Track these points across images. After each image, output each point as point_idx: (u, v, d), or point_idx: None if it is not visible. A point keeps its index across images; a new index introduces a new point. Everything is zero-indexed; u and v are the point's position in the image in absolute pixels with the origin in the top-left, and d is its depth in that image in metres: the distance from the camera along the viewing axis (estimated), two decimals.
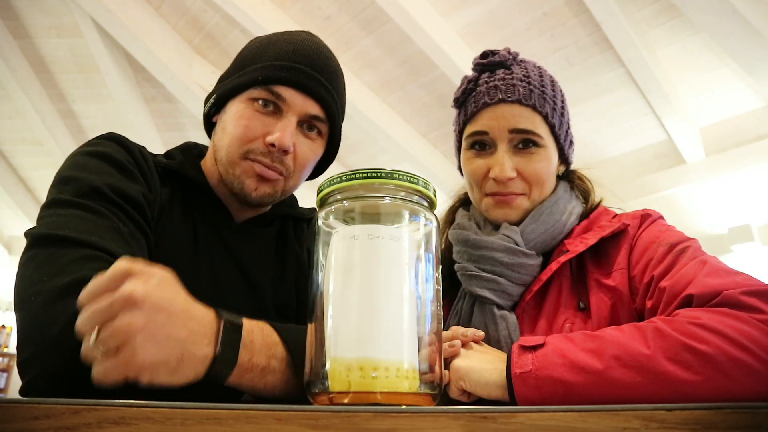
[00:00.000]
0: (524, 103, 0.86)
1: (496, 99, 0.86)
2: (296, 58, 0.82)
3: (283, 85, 0.81)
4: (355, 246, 0.52)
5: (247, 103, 0.82)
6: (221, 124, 0.86)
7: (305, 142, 0.85)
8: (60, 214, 0.65)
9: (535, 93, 0.86)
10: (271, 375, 0.59)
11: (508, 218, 0.89)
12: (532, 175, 0.87)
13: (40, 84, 4.58)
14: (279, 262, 0.92)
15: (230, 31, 3.92)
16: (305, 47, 0.84)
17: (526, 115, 0.86)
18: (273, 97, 0.81)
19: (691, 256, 0.71)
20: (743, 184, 3.65)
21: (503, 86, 0.87)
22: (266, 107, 0.82)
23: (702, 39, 3.06)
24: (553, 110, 0.88)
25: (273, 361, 0.59)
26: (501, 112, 0.86)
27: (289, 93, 0.81)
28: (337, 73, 0.88)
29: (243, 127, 0.81)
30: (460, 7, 3.33)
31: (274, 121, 0.81)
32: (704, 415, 0.35)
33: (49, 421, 0.38)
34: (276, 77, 0.81)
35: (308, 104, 0.82)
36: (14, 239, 6.48)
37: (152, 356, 0.47)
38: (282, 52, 0.83)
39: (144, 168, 0.79)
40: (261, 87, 0.81)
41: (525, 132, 0.86)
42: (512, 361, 0.60)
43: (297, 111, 0.82)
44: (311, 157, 0.87)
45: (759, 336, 0.54)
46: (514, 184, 0.87)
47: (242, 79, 0.83)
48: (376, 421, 0.36)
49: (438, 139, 4.32)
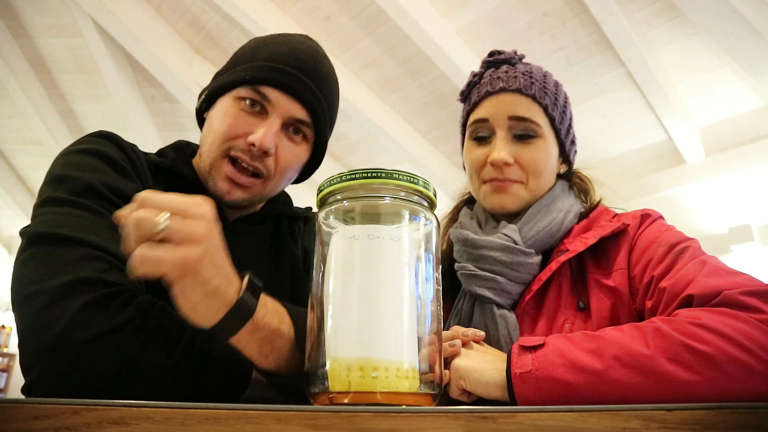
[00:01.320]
0: (524, 93, 0.88)
1: (498, 88, 0.90)
2: (287, 60, 0.82)
3: (269, 86, 0.81)
4: (355, 246, 0.52)
5: (235, 101, 0.83)
6: (208, 120, 0.87)
7: (288, 146, 0.84)
8: (56, 213, 0.65)
9: (537, 85, 0.89)
10: (280, 340, 0.60)
11: (504, 204, 0.89)
12: (530, 164, 0.88)
13: (40, 84, 4.59)
14: (273, 260, 0.92)
15: (230, 31, 3.92)
16: (298, 50, 0.84)
17: (526, 103, 0.88)
18: (259, 97, 0.81)
19: (691, 256, 0.71)
20: (743, 184, 3.66)
21: (505, 77, 0.90)
22: (253, 107, 0.82)
23: (702, 39, 3.06)
24: (554, 104, 0.90)
25: (283, 327, 0.60)
26: (502, 100, 0.89)
27: (276, 95, 0.81)
28: (328, 79, 0.87)
29: (227, 125, 0.82)
30: (460, 7, 3.34)
31: (259, 121, 0.82)
32: (704, 415, 0.35)
33: (49, 421, 0.38)
34: (263, 78, 0.81)
35: (294, 107, 0.82)
36: (14, 239, 6.49)
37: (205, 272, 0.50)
38: (274, 53, 0.83)
39: (137, 166, 0.79)
40: (248, 86, 0.82)
41: (524, 120, 0.88)
42: (512, 361, 0.60)
43: (282, 113, 0.82)
44: (293, 161, 0.86)
45: (759, 336, 0.54)
46: (511, 171, 0.88)
47: (232, 77, 0.84)
48: (376, 421, 0.36)
49: (438, 139, 4.32)
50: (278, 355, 0.60)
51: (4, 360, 6.31)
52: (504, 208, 0.90)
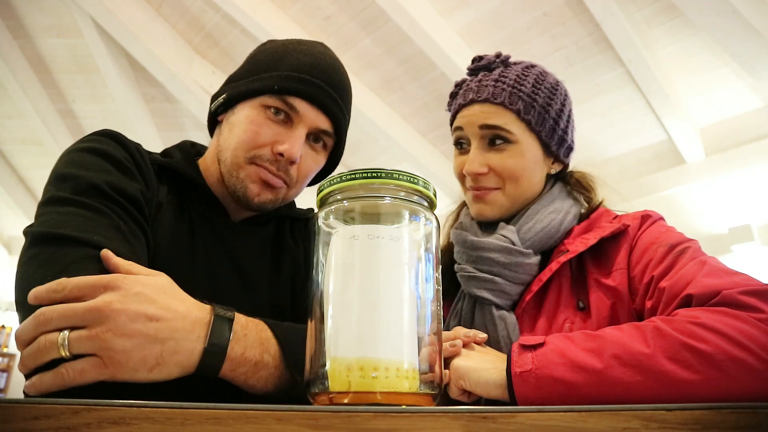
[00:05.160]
0: (492, 102, 0.89)
1: (468, 99, 0.91)
2: (313, 71, 0.83)
3: (298, 97, 0.82)
4: (355, 246, 0.52)
5: (260, 109, 0.83)
6: (229, 125, 0.86)
7: (310, 154, 0.86)
8: (59, 212, 0.65)
9: (506, 91, 0.89)
10: (265, 370, 0.60)
11: (484, 213, 0.91)
12: (504, 170, 0.89)
13: (40, 84, 4.58)
14: (275, 260, 0.92)
15: (230, 31, 3.92)
16: (322, 61, 0.85)
17: (496, 111, 0.89)
18: (286, 107, 0.82)
19: (691, 257, 0.72)
20: (743, 184, 3.65)
21: (476, 87, 0.92)
22: (278, 116, 0.83)
23: (702, 39, 3.06)
24: (530, 107, 0.89)
25: (266, 356, 0.60)
26: (473, 110, 0.91)
27: (303, 105, 0.82)
28: (348, 89, 0.90)
29: (253, 132, 0.82)
30: (460, 7, 3.34)
31: (284, 131, 0.82)
32: (704, 415, 0.35)
33: (49, 421, 0.38)
34: (292, 88, 0.81)
35: (320, 118, 0.84)
36: (14, 239, 6.49)
37: (129, 357, 0.50)
38: (299, 63, 0.83)
39: (141, 165, 0.79)
40: (276, 96, 0.82)
41: (493, 128, 0.89)
42: (512, 360, 0.60)
43: (308, 124, 0.83)
44: (314, 169, 0.89)
45: (758, 335, 0.54)
46: (487, 179, 0.90)
47: (256, 85, 0.83)
48: (376, 421, 0.36)
49: (438, 139, 4.32)
50: (265, 383, 0.61)
51: (4, 360, 6.31)
52: (484, 217, 0.91)
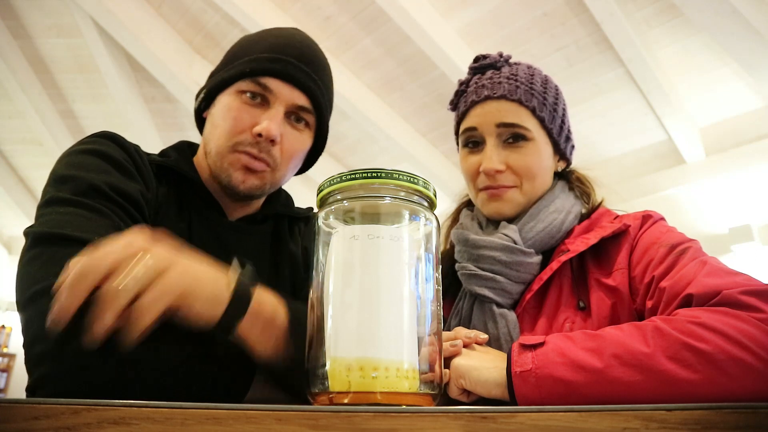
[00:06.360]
0: (509, 98, 0.88)
1: (483, 96, 0.90)
2: (284, 50, 0.84)
3: (270, 76, 0.82)
4: (355, 246, 0.52)
5: (236, 95, 0.84)
6: (210, 118, 0.87)
7: (292, 133, 0.86)
8: (60, 213, 0.65)
9: (521, 89, 0.89)
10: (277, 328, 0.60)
11: (501, 212, 0.90)
12: (522, 168, 0.88)
13: (40, 84, 4.58)
14: (274, 259, 0.93)
15: (230, 31, 3.92)
16: (293, 40, 0.86)
17: (512, 109, 0.88)
18: (260, 89, 0.83)
19: (692, 257, 0.72)
20: (743, 184, 3.65)
21: (490, 84, 0.90)
22: (254, 99, 0.83)
23: (702, 39, 3.06)
24: (542, 104, 0.90)
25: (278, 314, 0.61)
26: (488, 108, 0.89)
27: (276, 84, 0.82)
28: (324, 66, 0.89)
29: (231, 119, 0.82)
30: (460, 7, 3.33)
31: (262, 113, 0.83)
32: (704, 415, 0.35)
33: (49, 421, 0.38)
34: (263, 69, 0.82)
35: (295, 95, 0.84)
36: (14, 239, 6.49)
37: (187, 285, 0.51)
38: (270, 45, 0.85)
39: (140, 166, 0.79)
40: (249, 79, 0.83)
41: (511, 125, 0.88)
42: (512, 359, 0.60)
43: (284, 102, 0.83)
44: (299, 149, 0.88)
45: (758, 335, 0.54)
46: (504, 177, 0.89)
47: (230, 72, 0.85)
48: (376, 421, 0.36)
49: (438, 139, 4.32)
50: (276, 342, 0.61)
51: (4, 360, 6.30)
52: (501, 215, 0.91)
